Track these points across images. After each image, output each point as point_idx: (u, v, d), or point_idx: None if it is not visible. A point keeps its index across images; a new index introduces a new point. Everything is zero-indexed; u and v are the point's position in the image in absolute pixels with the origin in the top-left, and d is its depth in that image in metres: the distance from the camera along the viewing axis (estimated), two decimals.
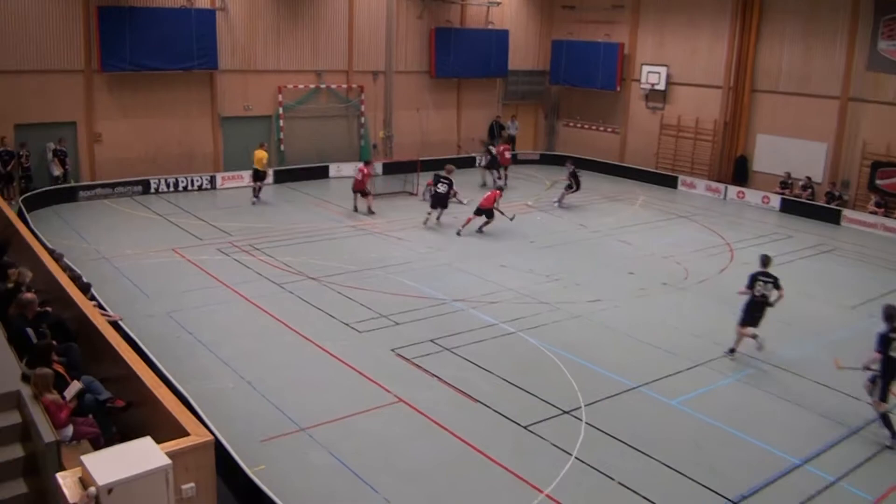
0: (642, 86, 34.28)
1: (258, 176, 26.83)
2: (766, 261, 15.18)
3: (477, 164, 32.89)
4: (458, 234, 23.19)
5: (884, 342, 12.19)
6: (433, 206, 24.18)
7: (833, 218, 27.31)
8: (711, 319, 17.16)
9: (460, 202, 24.23)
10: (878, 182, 27.15)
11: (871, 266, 22.13)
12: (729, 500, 10.29)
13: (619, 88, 35.30)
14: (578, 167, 28.65)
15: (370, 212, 25.35)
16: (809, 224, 26.96)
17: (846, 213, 27.29)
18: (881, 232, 25.92)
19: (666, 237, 24.11)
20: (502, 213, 23.63)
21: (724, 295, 18.77)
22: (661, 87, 33.56)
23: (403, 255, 21.02)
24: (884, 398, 12.27)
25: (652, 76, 33.74)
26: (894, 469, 11.32)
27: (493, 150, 30.65)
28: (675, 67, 33.30)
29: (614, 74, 35.03)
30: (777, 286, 14.74)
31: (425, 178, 28.36)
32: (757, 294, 14.85)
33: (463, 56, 34.31)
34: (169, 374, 11.78)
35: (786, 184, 29.48)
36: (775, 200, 29.17)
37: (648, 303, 18.07)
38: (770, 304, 14.89)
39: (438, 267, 20.10)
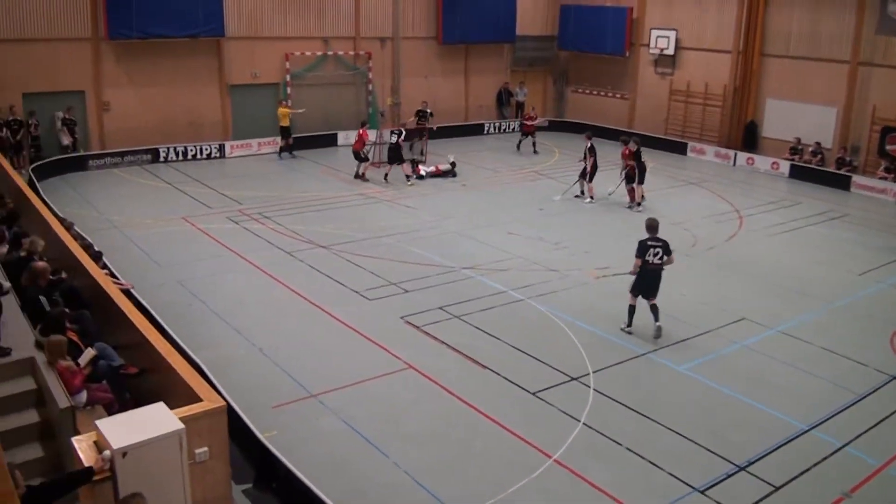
0: (651, 51, 34.02)
1: (285, 133, 27.84)
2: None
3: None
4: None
5: (642, 249, 14.01)
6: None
7: (843, 184, 27.16)
8: (719, 287, 17.20)
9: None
10: (888, 147, 26.93)
11: (879, 233, 22.04)
12: (736, 465, 10.36)
13: (627, 54, 35.06)
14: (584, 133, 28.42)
15: (362, 177, 25.51)
16: (819, 190, 26.84)
17: (856, 178, 27.14)
18: (891, 198, 25.77)
19: (676, 203, 24.06)
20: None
21: (731, 262, 18.81)
22: (670, 51, 33.29)
23: (412, 223, 21.06)
24: (633, 292, 14.33)
25: (661, 41, 33.45)
26: None
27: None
28: (683, 32, 33.00)
29: (623, 39, 34.78)
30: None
31: (436, 147, 28.34)
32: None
33: (470, 21, 34.01)
34: (181, 342, 11.89)
35: (796, 150, 29.31)
36: (785, 167, 29.02)
37: None
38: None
39: (447, 235, 20.13)
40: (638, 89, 35.42)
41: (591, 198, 23.92)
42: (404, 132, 26.15)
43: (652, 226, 14.27)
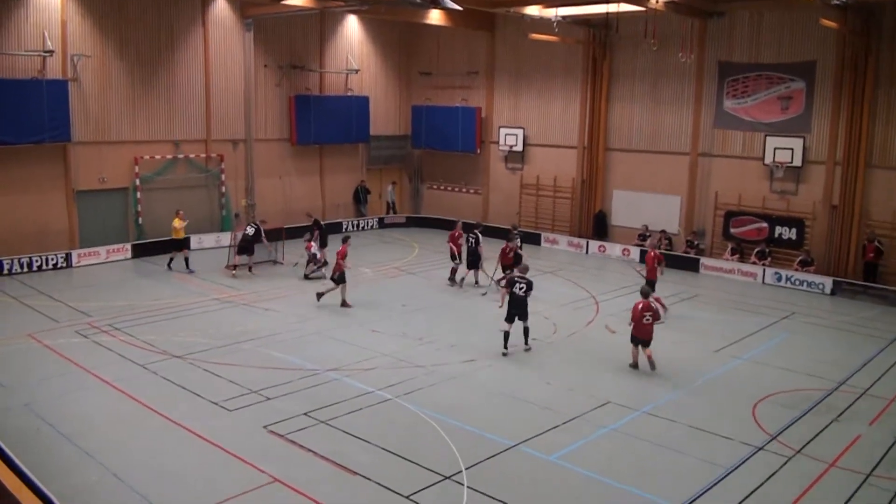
0: (501, 148, 35.23)
1: (177, 245, 26.68)
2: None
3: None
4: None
5: (510, 282, 18.50)
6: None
7: (692, 266, 28.53)
8: (583, 372, 17.47)
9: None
10: (733, 230, 28.71)
11: (730, 310, 23.13)
12: None
13: (478, 150, 36.14)
14: (440, 228, 28.69)
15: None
16: (669, 273, 27.86)
17: (704, 260, 28.59)
18: (738, 277, 27.29)
19: (534, 293, 24.42)
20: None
21: (592, 347, 19.19)
22: (519, 148, 34.58)
23: (272, 325, 20.50)
24: (507, 320, 18.23)
25: (510, 138, 34.73)
26: None
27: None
28: (531, 129, 34.43)
29: (473, 137, 35.89)
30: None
31: (291, 245, 27.99)
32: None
33: (324, 123, 34.31)
34: (30, 473, 10.86)
35: (644, 236, 30.64)
36: (635, 252, 30.20)
37: (521, 360, 18.21)
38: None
39: (309, 336, 19.68)
40: (490, 184, 36.44)
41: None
42: (262, 229, 26.04)
43: (522, 268, 18.91)
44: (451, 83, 37.04)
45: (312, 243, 25.72)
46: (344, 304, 22.44)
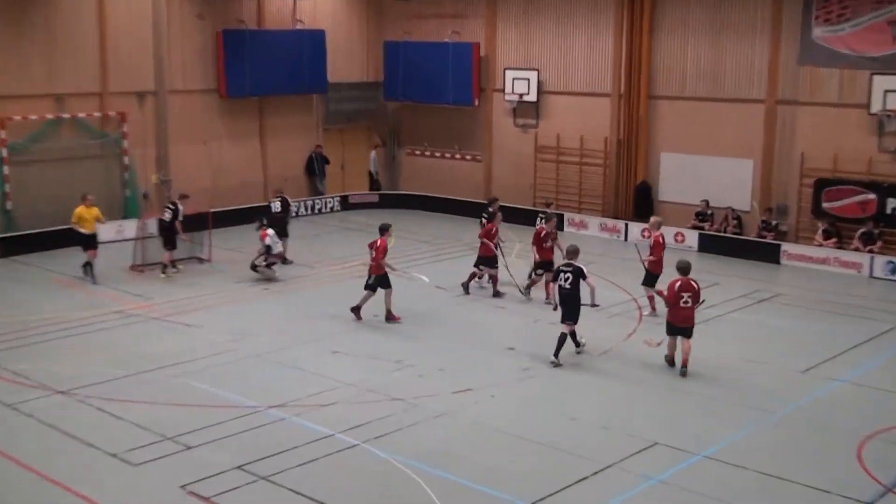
0: (507, 97, 35.17)
1: (86, 242, 25.70)
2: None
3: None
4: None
5: (556, 274, 19.80)
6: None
7: (770, 255, 28.53)
8: (620, 403, 17.41)
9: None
10: (826, 205, 28.54)
11: (824, 314, 23.08)
12: None
13: (477, 102, 36.11)
14: (425, 208, 28.52)
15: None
16: (739, 265, 27.99)
17: (787, 247, 28.53)
18: (835, 269, 27.27)
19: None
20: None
21: (633, 369, 19.13)
22: (532, 97, 34.53)
23: (194, 347, 20.44)
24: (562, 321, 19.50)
25: (519, 84, 34.65)
26: None
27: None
28: (547, 72, 34.35)
29: (470, 84, 35.88)
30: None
31: (220, 236, 27.88)
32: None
33: (264, 67, 34.29)
34: None
35: (704, 215, 30.54)
36: (692, 237, 30.11)
37: (535, 388, 18.16)
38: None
39: (245, 360, 19.62)
40: (493, 147, 36.44)
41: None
42: (180, 208, 26.22)
43: (570, 251, 19.90)
44: (438, 11, 37.08)
45: (268, 231, 25.35)
46: (389, 317, 22.21)
